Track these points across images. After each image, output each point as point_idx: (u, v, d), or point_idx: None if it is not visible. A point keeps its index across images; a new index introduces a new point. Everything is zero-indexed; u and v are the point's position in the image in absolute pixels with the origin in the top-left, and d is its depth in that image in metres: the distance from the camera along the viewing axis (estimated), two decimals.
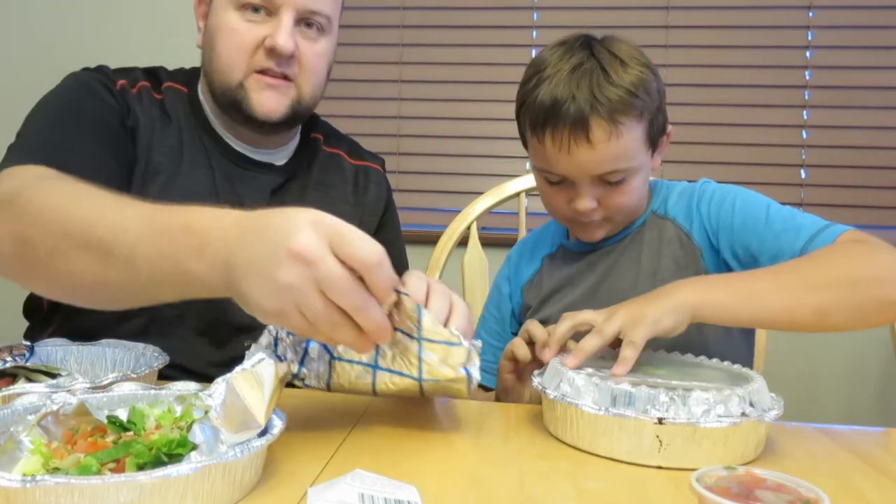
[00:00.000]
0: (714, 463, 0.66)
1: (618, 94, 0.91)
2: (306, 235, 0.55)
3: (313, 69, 1.00)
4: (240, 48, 0.96)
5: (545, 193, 1.02)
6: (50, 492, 0.45)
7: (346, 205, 1.10)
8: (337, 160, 1.14)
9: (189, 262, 0.60)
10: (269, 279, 0.55)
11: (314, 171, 1.10)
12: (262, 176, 1.04)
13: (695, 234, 1.00)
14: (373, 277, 0.56)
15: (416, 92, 2.11)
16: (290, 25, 0.95)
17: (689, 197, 1.03)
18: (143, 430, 0.59)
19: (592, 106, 0.91)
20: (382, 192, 1.16)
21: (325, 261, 0.54)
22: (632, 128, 0.93)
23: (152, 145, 0.99)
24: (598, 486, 0.62)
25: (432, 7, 2.10)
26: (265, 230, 0.57)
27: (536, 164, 1.00)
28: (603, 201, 0.96)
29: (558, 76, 0.93)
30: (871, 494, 0.62)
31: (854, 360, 1.97)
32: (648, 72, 0.95)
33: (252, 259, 0.57)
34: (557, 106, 0.92)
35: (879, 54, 1.96)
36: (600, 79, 0.92)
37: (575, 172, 0.94)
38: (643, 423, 0.65)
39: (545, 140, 0.94)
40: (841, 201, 1.97)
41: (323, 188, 1.10)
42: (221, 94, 0.99)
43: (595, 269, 1.05)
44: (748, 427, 0.67)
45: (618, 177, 0.94)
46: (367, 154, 1.19)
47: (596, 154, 0.92)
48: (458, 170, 2.10)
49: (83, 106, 0.94)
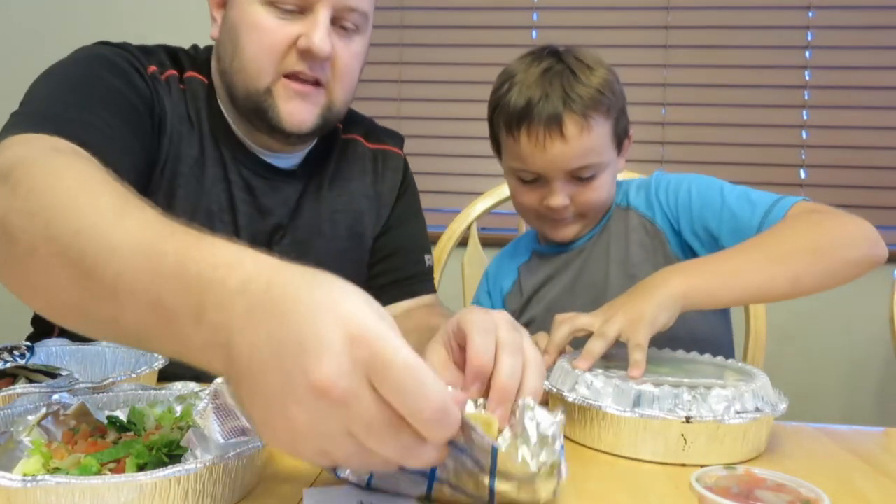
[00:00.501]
0: (734, 458, 0.67)
1: (588, 92, 0.98)
2: (336, 364, 0.39)
3: (348, 72, 0.90)
4: (269, 49, 0.85)
5: (518, 193, 1.06)
6: (50, 492, 0.45)
7: (365, 198, 1.04)
8: (354, 146, 1.06)
9: (183, 323, 0.45)
10: (279, 411, 0.41)
11: (332, 163, 1.03)
12: (285, 185, 0.97)
13: (657, 220, 1.06)
14: (428, 433, 0.41)
15: (415, 92, 2.11)
16: (326, 24, 0.84)
17: (647, 188, 1.09)
18: (143, 430, 0.59)
19: (565, 103, 0.97)
20: (397, 179, 1.08)
21: (360, 401, 0.40)
22: (601, 123, 1.00)
23: (180, 154, 0.90)
24: (598, 486, 0.62)
25: (432, 7, 2.09)
26: (281, 329, 0.41)
27: (511, 163, 1.05)
28: (575, 198, 1.02)
29: (530, 79, 1.00)
30: (871, 494, 0.62)
31: (854, 360, 1.97)
32: (612, 75, 1.03)
33: (257, 368, 0.41)
34: (532, 104, 0.98)
35: (879, 54, 1.96)
36: (570, 79, 0.99)
37: (549, 168, 1.00)
38: (670, 422, 0.66)
39: (520, 137, 0.99)
40: (841, 201, 1.97)
41: (342, 183, 1.03)
42: (245, 98, 0.89)
43: (569, 266, 1.11)
44: (764, 422, 0.69)
45: (589, 172, 1.00)
46: (384, 134, 1.10)
47: (569, 148, 0.98)
48: (458, 170, 2.09)
49: (105, 81, 0.82)
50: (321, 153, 1.01)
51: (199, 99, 0.93)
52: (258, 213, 0.94)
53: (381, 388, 0.40)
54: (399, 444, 0.41)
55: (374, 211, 1.04)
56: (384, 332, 0.40)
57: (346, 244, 1.01)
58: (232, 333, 0.42)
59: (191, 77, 0.93)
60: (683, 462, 0.66)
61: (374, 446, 0.41)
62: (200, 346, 0.44)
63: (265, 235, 0.95)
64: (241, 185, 0.93)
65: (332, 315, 0.40)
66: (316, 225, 0.99)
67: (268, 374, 0.41)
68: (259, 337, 0.41)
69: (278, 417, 0.41)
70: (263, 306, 0.42)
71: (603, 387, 0.71)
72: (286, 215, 0.97)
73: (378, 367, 0.39)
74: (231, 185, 0.93)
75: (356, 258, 1.03)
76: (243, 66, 0.87)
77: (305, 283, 0.42)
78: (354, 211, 1.02)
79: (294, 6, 0.85)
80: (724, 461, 0.66)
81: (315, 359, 0.39)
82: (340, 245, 1.01)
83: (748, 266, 0.84)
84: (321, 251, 0.98)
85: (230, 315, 0.42)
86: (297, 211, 0.98)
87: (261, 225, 0.95)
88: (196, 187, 0.91)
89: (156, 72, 0.89)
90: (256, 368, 0.41)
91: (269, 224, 0.95)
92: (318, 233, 0.99)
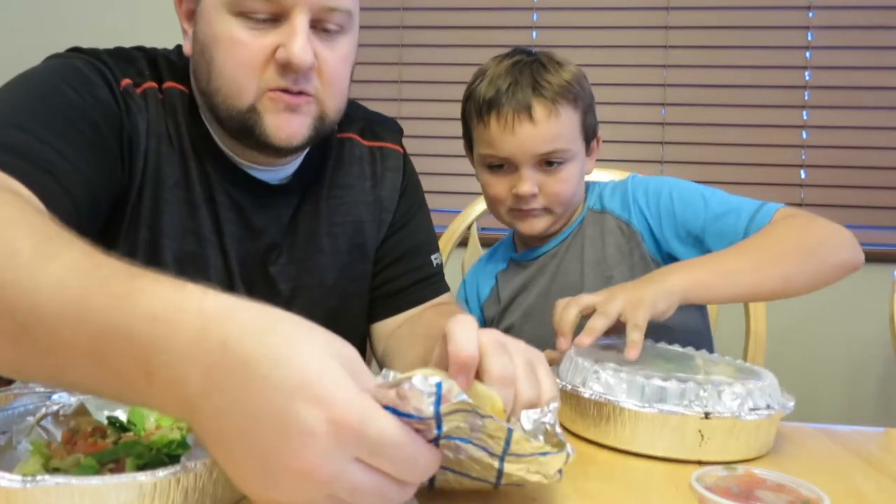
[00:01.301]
0: (746, 455, 0.67)
1: (557, 80, 1.02)
2: (321, 450, 0.39)
3: (337, 79, 0.81)
4: (246, 66, 0.76)
5: (488, 185, 1.08)
6: (50, 492, 0.45)
7: (365, 206, 0.96)
8: (350, 147, 0.97)
9: (134, 381, 0.42)
10: (258, 482, 0.41)
11: (328, 171, 0.94)
12: (277, 201, 0.89)
13: (634, 222, 1.08)
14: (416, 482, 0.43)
15: (416, 92, 2.11)
16: (305, 31, 0.75)
17: (622, 190, 1.11)
18: (143, 430, 0.59)
19: (534, 88, 1.01)
20: (397, 180, 0.99)
21: (346, 476, 0.39)
22: (569, 112, 1.03)
23: (160, 176, 0.81)
24: (598, 485, 0.62)
25: (432, 7, 2.10)
26: (251, 402, 0.39)
27: (481, 150, 1.07)
28: (543, 188, 1.04)
29: (500, 70, 1.04)
30: (871, 494, 0.62)
31: (854, 360, 1.97)
32: (580, 73, 1.07)
33: (230, 436, 0.40)
34: (501, 91, 1.02)
35: (879, 54, 1.96)
36: (540, 70, 1.03)
37: (518, 152, 1.02)
38: (688, 418, 0.67)
39: (490, 122, 1.03)
40: (841, 201, 1.97)
41: (340, 191, 0.94)
42: (228, 118, 0.80)
43: (544, 271, 1.12)
44: (775, 419, 0.70)
45: (557, 158, 1.03)
46: (381, 128, 1.00)
47: (538, 131, 1.01)
48: (458, 170, 2.09)
49: (66, 98, 0.74)
50: (316, 160, 0.93)
51: (179, 112, 0.84)
52: (249, 233, 0.87)
53: (370, 462, 0.40)
54: (384, 494, 0.41)
55: (375, 218, 0.96)
56: (364, 408, 0.39)
57: (347, 258, 0.94)
58: (192, 395, 0.40)
59: (170, 88, 0.84)
60: (699, 459, 0.66)
61: (358, 502, 0.41)
62: (159, 401, 0.43)
63: (258, 257, 0.88)
64: (229, 204, 0.85)
65: (308, 393, 0.39)
66: (315, 241, 0.91)
67: (243, 446, 0.40)
68: (225, 403, 0.39)
69: (258, 485, 0.41)
70: (223, 370, 0.40)
71: (616, 382, 0.71)
72: (280, 233, 0.89)
73: (366, 449, 0.39)
74: (217, 206, 0.85)
75: (359, 271, 0.96)
76: (221, 85, 0.78)
77: (265, 342, 0.40)
78: (354, 221, 0.95)
79: (268, 14, 0.75)
80: (738, 458, 0.67)
81: (299, 445, 0.38)
82: (341, 260, 0.94)
83: (744, 266, 0.89)
84: (321, 268, 0.92)
85: (185, 376, 0.40)
86: (293, 227, 0.90)
87: (253, 246, 0.87)
88: (182, 210, 0.83)
89: (129, 85, 0.81)
90: (229, 436, 0.40)
91: (262, 244, 0.88)
92: (318, 249, 0.92)
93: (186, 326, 0.41)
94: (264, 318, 0.42)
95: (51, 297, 0.44)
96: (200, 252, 0.84)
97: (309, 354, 0.40)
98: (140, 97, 0.81)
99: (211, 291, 0.43)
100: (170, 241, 0.82)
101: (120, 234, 0.80)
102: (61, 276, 0.45)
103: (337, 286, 0.93)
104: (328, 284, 0.92)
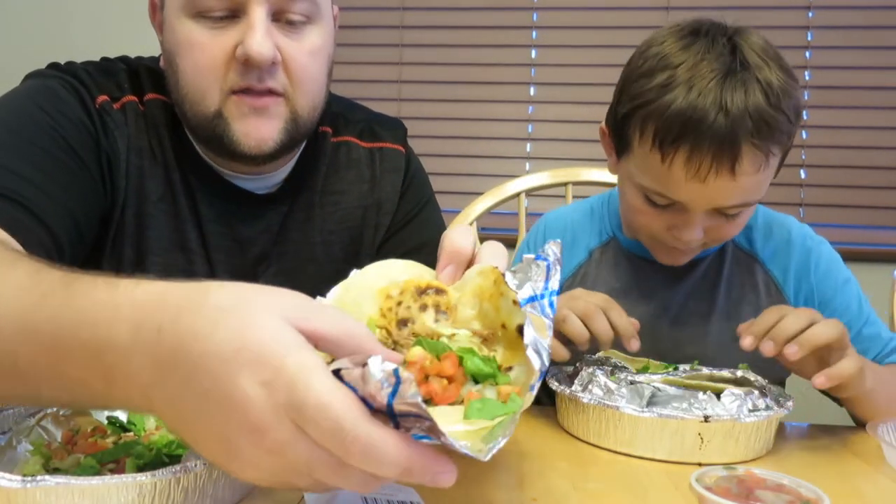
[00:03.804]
0: (746, 456, 0.68)
1: (777, 118, 0.77)
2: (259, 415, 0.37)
3: (306, 73, 0.76)
4: (207, 67, 0.73)
5: (638, 212, 0.85)
6: (50, 492, 0.45)
7: (362, 210, 0.91)
8: (346, 150, 0.92)
9: (98, 388, 0.43)
10: (227, 459, 0.40)
11: (321, 176, 0.90)
12: (265, 211, 0.86)
13: (789, 290, 0.93)
14: (369, 469, 0.38)
15: (415, 92, 2.11)
16: (263, 24, 0.71)
17: (784, 243, 0.94)
18: (143, 430, 0.59)
19: (748, 129, 0.75)
20: (398, 180, 0.93)
21: (294, 447, 0.38)
22: (777, 156, 0.80)
23: (143, 191, 0.80)
24: (598, 486, 0.62)
25: (432, 7, 2.09)
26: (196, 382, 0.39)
27: (644, 181, 0.82)
28: (710, 232, 0.84)
29: (702, 79, 0.77)
30: (871, 494, 0.62)
31: None
32: (797, 84, 0.82)
33: (189, 420, 0.41)
34: (702, 118, 0.75)
35: (879, 54, 1.95)
36: (756, 92, 0.76)
37: (698, 203, 0.80)
38: (687, 421, 0.67)
39: (675, 161, 0.77)
40: (840, 201, 1.97)
41: (335, 197, 0.90)
42: (197, 126, 0.77)
43: (656, 286, 0.94)
44: (775, 420, 0.70)
45: (739, 210, 0.82)
46: (382, 127, 0.95)
47: (734, 186, 0.77)
48: (458, 170, 2.09)
49: (40, 123, 0.72)
50: (307, 166, 0.89)
51: (161, 124, 0.81)
52: (237, 245, 0.84)
53: (305, 430, 0.37)
54: (348, 478, 0.39)
55: (372, 222, 0.92)
56: (298, 363, 0.37)
57: (342, 265, 0.88)
58: (147, 387, 0.41)
59: (152, 100, 0.82)
60: (699, 461, 0.67)
61: (325, 481, 0.39)
62: (124, 400, 0.44)
63: (248, 269, 0.85)
64: (214, 217, 0.83)
65: (242, 358, 0.38)
66: (307, 250, 0.88)
67: (201, 426, 0.40)
68: (175, 388, 0.40)
69: (230, 464, 0.40)
70: (165, 357, 0.40)
71: (617, 387, 0.71)
72: (269, 244, 0.86)
73: (294, 410, 0.37)
74: (202, 219, 0.82)
75: None
76: (187, 92, 0.76)
77: (196, 319, 0.39)
78: (350, 227, 0.91)
79: (224, 11, 0.72)
80: (738, 459, 0.67)
81: (242, 414, 0.38)
82: (336, 268, 0.89)
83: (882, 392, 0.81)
84: (314, 278, 0.87)
85: (137, 370, 0.41)
86: (282, 236, 0.87)
87: (241, 258, 0.85)
88: (167, 224, 0.81)
89: (106, 102, 0.78)
90: (189, 420, 0.40)
91: (250, 256, 0.85)
92: (310, 258, 0.88)
93: (124, 322, 0.41)
94: (194, 294, 0.41)
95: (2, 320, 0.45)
96: (187, 266, 0.82)
97: (240, 320, 0.39)
98: (118, 112, 0.79)
99: (144, 281, 0.43)
100: (155, 256, 0.81)
101: (104, 252, 0.79)
102: (7, 299, 0.46)
103: None
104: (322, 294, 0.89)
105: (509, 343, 0.51)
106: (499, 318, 0.52)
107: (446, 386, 0.47)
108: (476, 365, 0.48)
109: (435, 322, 0.53)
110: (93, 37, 2.09)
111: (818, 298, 0.93)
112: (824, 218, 1.95)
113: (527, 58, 2.06)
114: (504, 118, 2.06)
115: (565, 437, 0.75)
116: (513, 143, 2.07)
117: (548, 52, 2.04)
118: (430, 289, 0.54)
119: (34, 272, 0.48)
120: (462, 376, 0.48)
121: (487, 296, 0.52)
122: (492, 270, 0.51)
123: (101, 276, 0.45)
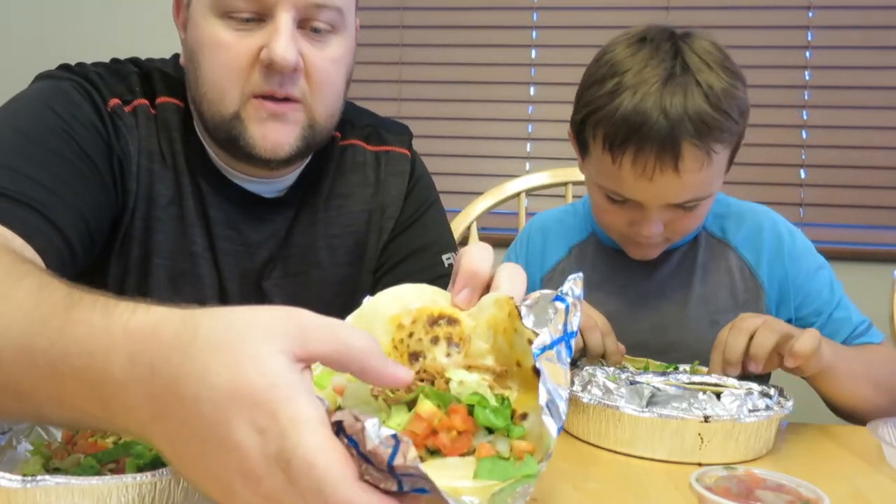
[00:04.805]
0: (746, 456, 0.68)
1: (717, 118, 0.81)
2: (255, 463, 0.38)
3: (327, 82, 0.77)
4: (230, 68, 0.74)
5: (602, 211, 0.92)
6: (50, 492, 0.45)
7: (366, 214, 0.91)
8: (353, 153, 0.92)
9: (94, 414, 0.43)
10: (225, 497, 0.40)
11: (328, 180, 0.90)
12: (273, 215, 0.86)
13: (762, 273, 0.96)
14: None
15: (415, 92, 2.11)
16: (289, 29, 0.72)
17: (754, 229, 0.98)
18: None
19: (687, 128, 0.80)
20: (402, 184, 0.94)
21: (289, 495, 0.38)
22: (722, 153, 0.85)
23: (152, 194, 0.79)
24: (598, 486, 0.62)
25: (432, 7, 2.09)
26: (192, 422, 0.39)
27: (600, 181, 0.89)
28: (670, 225, 0.89)
29: (645, 83, 0.82)
30: (870, 494, 0.62)
31: None
32: (742, 85, 0.86)
33: (186, 456, 0.41)
34: (644, 121, 0.80)
35: (879, 54, 1.95)
36: (695, 94, 0.81)
37: (651, 200, 0.85)
38: (687, 422, 0.67)
39: (623, 162, 0.83)
40: (840, 201, 1.97)
41: (340, 200, 0.90)
42: (214, 127, 0.78)
43: (633, 277, 0.98)
44: (775, 420, 0.71)
45: (693, 203, 0.87)
46: (389, 132, 0.95)
47: (681, 183, 0.83)
48: (458, 170, 2.09)
49: (51, 127, 0.72)
50: (315, 170, 0.89)
51: (173, 128, 0.82)
52: (245, 249, 0.84)
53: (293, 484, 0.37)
54: None
55: (376, 226, 0.92)
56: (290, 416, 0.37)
57: (346, 270, 0.90)
58: (144, 421, 0.41)
59: (164, 103, 0.82)
60: (699, 461, 0.67)
61: None
62: (124, 428, 0.44)
63: (255, 273, 0.85)
64: (223, 220, 0.83)
65: (236, 404, 0.38)
66: (311, 254, 0.88)
67: (199, 466, 0.40)
68: (171, 428, 0.40)
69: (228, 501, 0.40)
70: (159, 396, 0.40)
71: (616, 387, 0.71)
72: (276, 247, 0.86)
73: (284, 462, 0.37)
74: (210, 223, 0.82)
75: (360, 283, 0.91)
76: (206, 91, 0.76)
77: (186, 359, 0.39)
78: (355, 232, 0.90)
79: (251, 13, 0.73)
80: (738, 459, 0.67)
81: (237, 461, 0.38)
82: (341, 272, 0.90)
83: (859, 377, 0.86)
84: (318, 282, 0.88)
85: (133, 403, 0.41)
86: (288, 240, 0.87)
87: (249, 262, 0.85)
88: (174, 228, 0.81)
89: (118, 105, 0.78)
90: (187, 459, 0.40)
91: (258, 260, 0.86)
92: (314, 263, 0.88)
93: (118, 353, 0.41)
94: (183, 331, 0.40)
95: (3, 342, 0.46)
96: (194, 270, 0.82)
97: (231, 358, 0.38)
98: (130, 116, 0.79)
99: (141, 306, 0.43)
100: (162, 259, 0.81)
101: (112, 255, 0.79)
102: (9, 321, 0.46)
103: (337, 299, 0.89)
104: (327, 298, 0.89)
105: (524, 381, 0.50)
106: (513, 354, 0.50)
107: (456, 437, 0.45)
108: (487, 418, 0.46)
109: (447, 357, 0.52)
110: (101, 37, 2.09)
111: (791, 282, 0.97)
112: (824, 218, 1.95)
113: (527, 58, 2.06)
114: (504, 118, 2.06)
115: (565, 437, 0.75)
116: (513, 143, 2.07)
117: (548, 52, 2.05)
118: (443, 318, 0.53)
119: (38, 290, 0.48)
120: (473, 426, 0.47)
121: (502, 329, 0.51)
122: (507, 301, 0.50)
123: (101, 298, 0.45)
